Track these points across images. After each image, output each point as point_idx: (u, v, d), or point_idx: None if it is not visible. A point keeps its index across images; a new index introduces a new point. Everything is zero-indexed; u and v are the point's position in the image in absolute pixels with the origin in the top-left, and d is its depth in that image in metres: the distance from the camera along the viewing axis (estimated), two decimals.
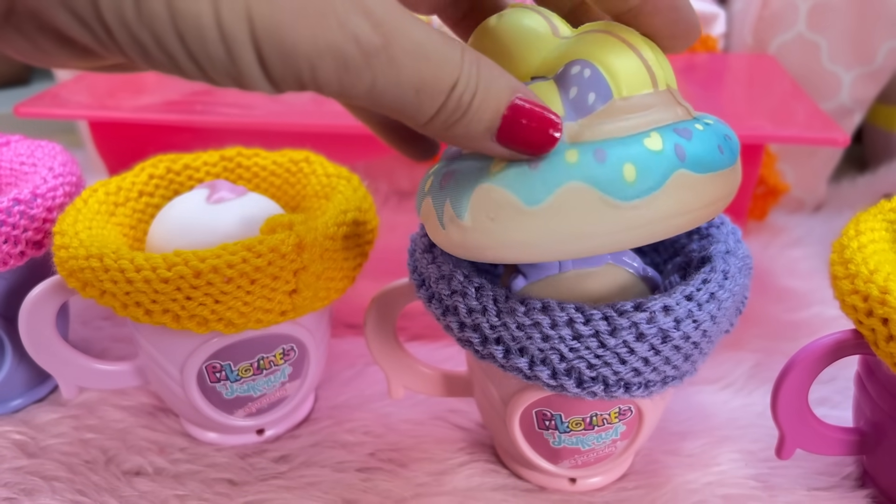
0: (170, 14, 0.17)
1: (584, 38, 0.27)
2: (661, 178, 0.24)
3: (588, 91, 0.25)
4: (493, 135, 0.23)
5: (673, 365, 0.31)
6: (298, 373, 0.39)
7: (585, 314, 0.29)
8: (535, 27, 0.28)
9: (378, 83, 0.20)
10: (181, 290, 0.32)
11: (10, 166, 0.44)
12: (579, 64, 0.26)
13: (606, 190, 0.24)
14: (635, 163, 0.24)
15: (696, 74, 0.61)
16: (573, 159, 0.25)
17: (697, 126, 0.26)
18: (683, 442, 0.40)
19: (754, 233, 0.62)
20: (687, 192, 0.25)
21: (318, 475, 0.38)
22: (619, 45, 0.26)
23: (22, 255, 0.38)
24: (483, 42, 0.28)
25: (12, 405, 0.42)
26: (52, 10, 0.17)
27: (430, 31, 0.21)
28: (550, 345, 0.30)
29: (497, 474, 0.38)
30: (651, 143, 0.25)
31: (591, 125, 0.25)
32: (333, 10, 0.18)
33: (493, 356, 0.31)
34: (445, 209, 0.27)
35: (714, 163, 0.25)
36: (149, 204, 0.40)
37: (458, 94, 0.22)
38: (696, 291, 0.30)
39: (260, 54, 0.18)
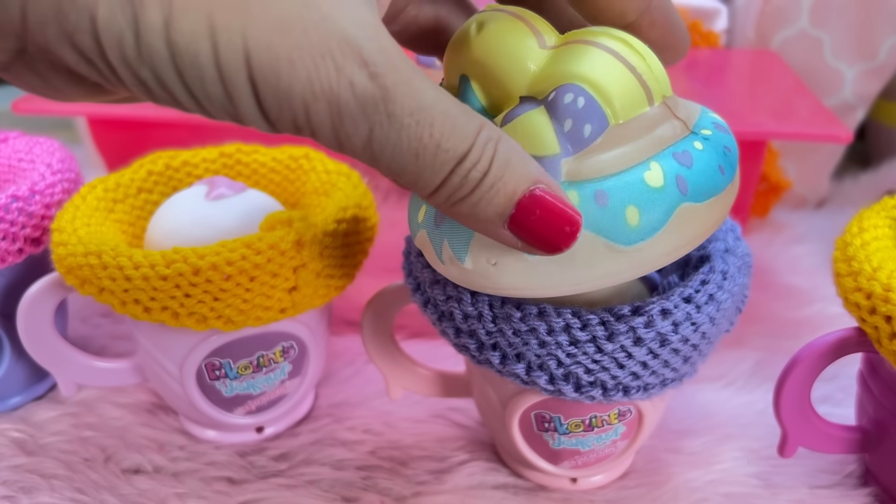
0: (169, 52, 0.18)
1: (573, 51, 0.25)
2: (665, 216, 0.24)
3: (584, 123, 0.24)
4: (504, 221, 0.22)
5: (672, 367, 0.31)
6: (298, 370, 0.38)
7: (582, 319, 0.29)
8: (519, 41, 0.26)
9: (375, 139, 0.20)
10: (180, 287, 0.31)
11: (7, 163, 0.43)
12: (572, 91, 0.24)
13: (610, 236, 0.24)
14: (638, 205, 0.24)
15: (699, 70, 0.60)
16: (574, 203, 0.24)
17: (697, 145, 0.25)
18: (685, 440, 0.40)
19: (756, 230, 0.62)
20: (690, 225, 0.25)
21: (318, 473, 0.38)
22: (611, 62, 0.25)
23: (20, 252, 0.38)
24: (461, 56, 0.27)
25: (11, 403, 0.42)
26: (60, 48, 0.18)
27: (445, 97, 0.20)
28: (547, 350, 0.29)
29: (498, 473, 0.38)
30: (652, 178, 0.24)
31: (588, 159, 0.24)
32: (331, 53, 0.18)
33: (489, 362, 0.31)
34: (444, 248, 0.27)
35: (715, 187, 0.25)
36: (147, 201, 0.40)
37: (464, 169, 0.21)
38: (695, 293, 0.30)
39: (257, 94, 0.18)
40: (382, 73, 0.19)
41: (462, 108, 0.21)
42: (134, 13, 0.17)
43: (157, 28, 0.17)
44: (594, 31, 0.26)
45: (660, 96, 0.25)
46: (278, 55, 0.18)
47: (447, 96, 0.21)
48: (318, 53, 0.18)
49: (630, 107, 0.25)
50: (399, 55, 0.20)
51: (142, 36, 0.17)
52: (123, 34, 0.18)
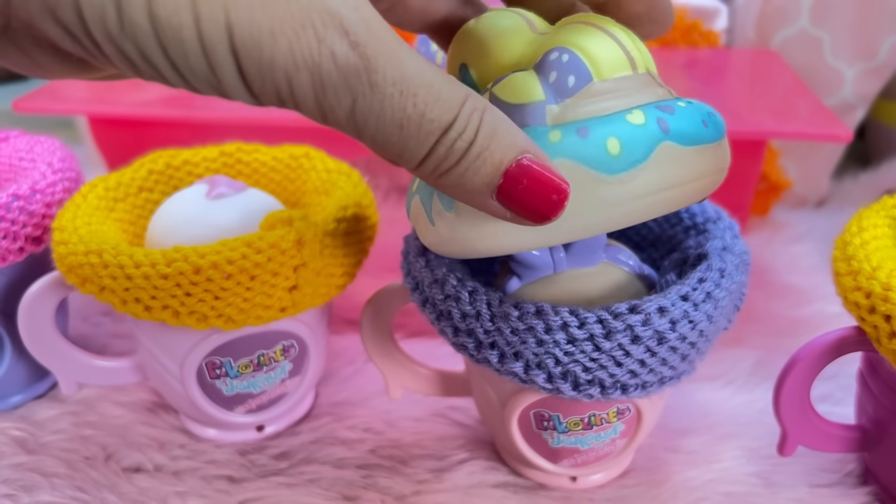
0: (152, 25, 0.18)
1: (561, 28, 0.27)
2: (647, 150, 0.24)
3: (567, 74, 0.25)
4: (492, 192, 0.22)
5: (670, 366, 0.31)
6: (298, 369, 0.38)
7: (580, 318, 0.29)
8: (512, 25, 0.27)
9: (358, 110, 0.20)
10: (180, 286, 0.32)
11: (8, 162, 0.43)
12: (557, 50, 0.25)
13: (592, 165, 0.24)
14: (619, 137, 0.24)
15: (698, 70, 0.60)
16: (556, 139, 0.24)
17: (680, 103, 0.26)
18: (684, 439, 0.40)
19: (756, 229, 0.62)
20: (674, 165, 0.25)
21: (319, 472, 0.38)
22: (596, 32, 0.26)
23: (21, 251, 0.38)
24: (462, 45, 0.28)
25: (11, 401, 0.42)
26: (43, 23, 0.18)
27: (428, 66, 0.20)
28: (545, 349, 0.30)
29: (497, 471, 0.38)
30: (634, 118, 0.24)
31: (572, 106, 0.25)
32: (312, 24, 0.18)
33: (488, 361, 0.31)
34: (434, 203, 0.27)
35: (699, 136, 0.25)
36: (148, 199, 0.40)
37: (450, 139, 0.21)
38: (692, 291, 0.30)
39: (240, 66, 0.18)
40: (363, 42, 0.19)
41: (446, 79, 0.21)
42: None
43: (140, 1, 0.17)
44: (581, 16, 0.27)
45: (643, 67, 0.26)
46: (260, 27, 0.18)
47: (431, 67, 0.20)
48: (300, 24, 0.18)
49: (613, 68, 0.25)
50: (382, 26, 0.20)
51: (124, 10, 0.17)
52: (105, 8, 0.17)
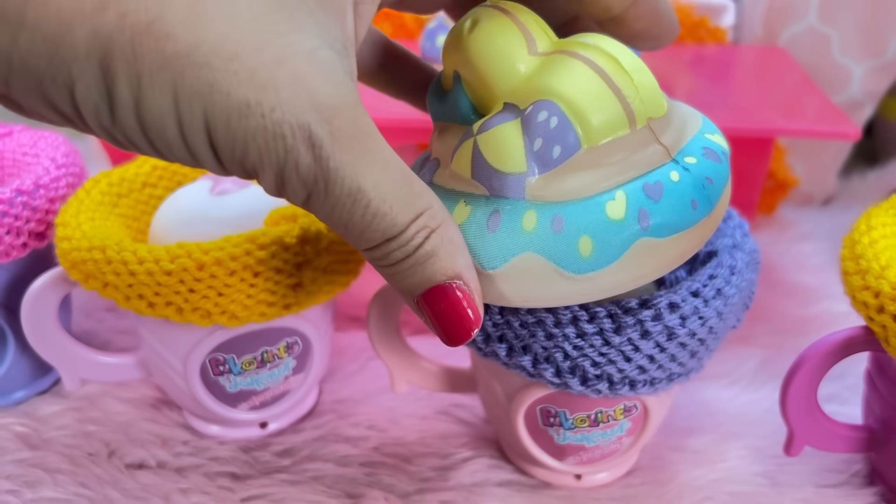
0: (139, 125, 0.19)
1: (558, 64, 0.25)
2: (620, 249, 0.24)
3: (553, 143, 0.24)
4: (414, 297, 0.24)
5: (679, 362, 0.31)
6: (302, 366, 0.38)
7: (590, 312, 0.29)
8: (508, 45, 0.26)
9: (311, 202, 0.21)
10: (184, 282, 0.31)
11: (12, 156, 0.43)
12: (547, 109, 0.24)
13: (560, 263, 0.24)
14: (592, 235, 0.24)
15: (705, 66, 0.60)
16: (530, 226, 0.24)
17: (673, 175, 0.25)
18: (690, 438, 0.39)
19: (763, 227, 0.61)
20: (648, 259, 0.24)
21: (322, 469, 0.37)
22: (594, 81, 0.24)
23: (24, 246, 0.38)
24: (453, 55, 0.27)
25: (15, 397, 0.42)
26: (42, 110, 0.20)
27: (391, 178, 0.22)
28: (554, 343, 0.29)
29: (502, 470, 0.37)
30: (613, 208, 0.24)
31: (553, 181, 0.24)
32: (283, 136, 0.20)
33: (496, 354, 0.31)
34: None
35: (683, 222, 0.24)
36: (152, 195, 0.40)
37: (389, 248, 0.22)
38: (703, 287, 0.30)
39: (217, 157, 0.20)
40: (327, 155, 0.20)
41: (406, 191, 0.22)
42: (108, 90, 0.19)
43: (128, 106, 0.19)
44: (586, 44, 0.25)
45: (644, 119, 0.25)
46: (235, 135, 0.20)
47: (397, 178, 0.22)
48: (271, 135, 0.20)
49: (607, 129, 0.24)
50: (359, 133, 0.21)
51: (115, 110, 0.19)
52: (99, 107, 0.19)
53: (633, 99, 0.24)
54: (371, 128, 0.21)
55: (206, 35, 0.19)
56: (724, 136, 0.28)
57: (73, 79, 0.19)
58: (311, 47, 0.20)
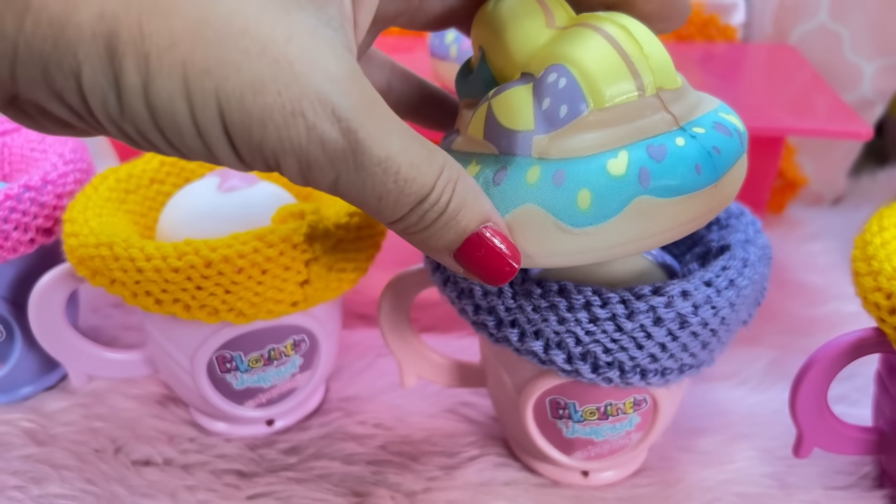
0: (149, 112, 0.19)
1: (573, 34, 0.26)
2: (619, 205, 0.24)
3: (560, 103, 0.25)
4: (451, 252, 0.24)
5: (690, 352, 0.31)
6: (309, 364, 0.38)
7: (603, 297, 0.29)
8: (529, 17, 0.27)
9: (341, 182, 0.21)
10: (192, 279, 0.31)
11: (20, 152, 0.43)
12: (556, 71, 0.25)
13: (559, 215, 0.24)
14: (591, 189, 0.24)
15: (715, 64, 0.60)
16: (533, 179, 0.24)
17: (678, 140, 0.25)
18: (698, 439, 0.39)
19: (772, 226, 0.61)
20: (648, 218, 0.24)
21: (328, 467, 0.37)
22: (605, 48, 0.25)
23: (32, 242, 0.38)
24: (480, 28, 0.28)
25: (21, 393, 0.42)
26: (49, 104, 0.19)
27: (410, 142, 0.21)
28: (566, 328, 0.30)
29: (509, 468, 0.37)
30: (614, 165, 0.24)
31: (558, 139, 0.25)
32: (302, 112, 0.19)
33: (507, 339, 0.31)
34: None
35: (685, 185, 0.24)
36: (159, 192, 0.40)
37: (422, 210, 0.22)
38: (716, 277, 0.30)
39: (233, 145, 0.20)
40: (355, 127, 0.20)
41: (426, 151, 0.22)
42: (115, 75, 0.18)
43: (137, 90, 0.18)
44: (601, 16, 0.26)
45: (653, 88, 0.25)
46: (250, 115, 0.19)
47: (414, 140, 0.22)
48: (290, 113, 0.19)
49: (615, 93, 0.25)
50: (373, 102, 0.21)
51: (123, 97, 0.18)
52: (107, 95, 0.18)
53: (642, 67, 0.25)
54: (378, 96, 0.21)
55: (214, 10, 0.18)
56: None
57: (80, 63, 0.18)
58: (312, 25, 0.20)
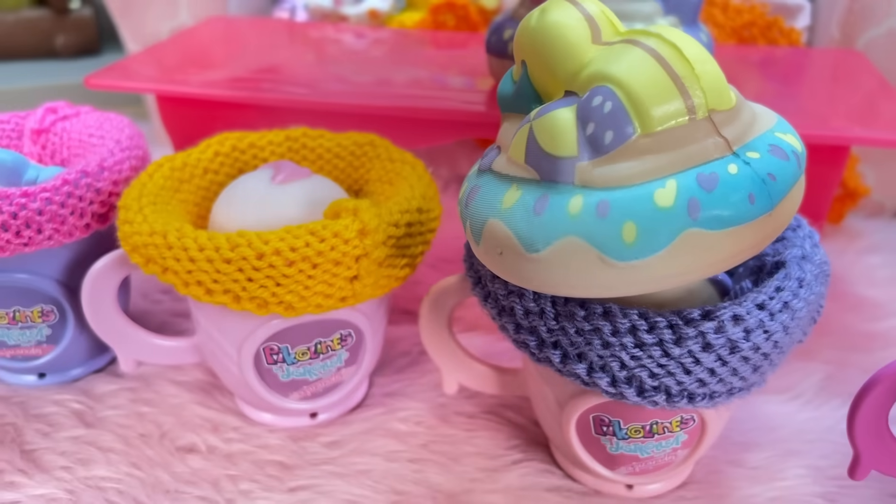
0: None
1: (620, 52, 0.25)
2: (666, 239, 0.23)
3: (606, 128, 0.24)
4: None
5: (740, 376, 0.29)
6: (354, 359, 0.38)
7: (649, 321, 0.28)
8: (574, 31, 0.26)
9: None
10: (243, 271, 0.31)
11: (78, 137, 0.44)
12: (602, 94, 0.24)
13: (603, 249, 0.23)
14: (637, 222, 0.23)
15: (776, 69, 0.58)
16: (575, 210, 0.24)
17: (731, 168, 0.24)
18: (747, 453, 0.38)
19: (829, 237, 0.59)
20: (697, 251, 0.23)
21: (370, 463, 0.37)
22: (653, 68, 0.24)
23: (87, 227, 0.38)
24: (522, 43, 0.27)
25: (72, 374, 0.43)
26: None
27: None
28: (611, 352, 0.29)
29: (551, 475, 0.37)
30: (662, 196, 0.23)
31: (603, 166, 0.24)
32: None
33: (549, 361, 0.30)
34: (468, 229, 0.28)
35: (738, 216, 0.23)
36: (213, 181, 0.40)
37: None
38: (769, 300, 0.28)
39: None
40: None
41: None
42: None
43: None
44: (649, 32, 0.25)
45: (705, 110, 0.24)
46: None
47: None
48: None
49: (664, 118, 0.24)
50: None
51: None
52: None
53: (693, 88, 0.24)
54: None
55: None
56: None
57: None
58: None
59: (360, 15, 0.64)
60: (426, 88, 0.51)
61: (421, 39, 0.61)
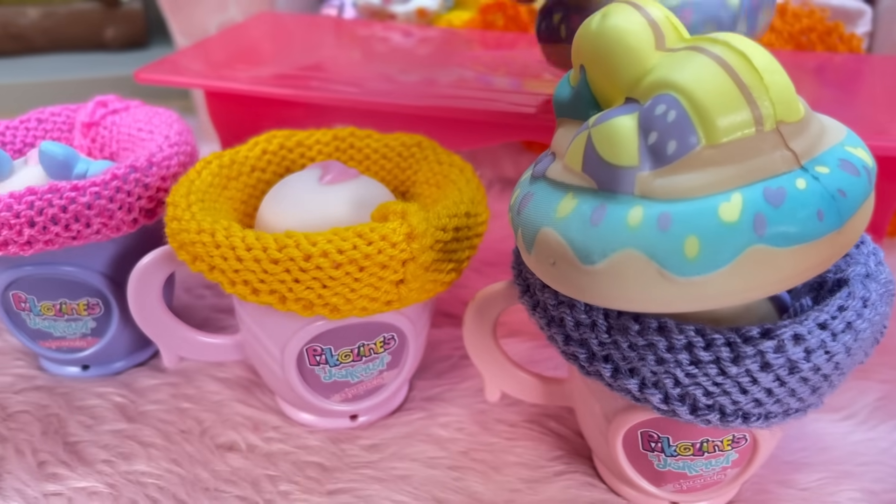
0: None
1: (685, 59, 0.24)
2: (730, 255, 0.22)
3: (669, 138, 0.23)
4: None
5: (798, 397, 0.28)
6: (396, 362, 0.38)
7: (706, 338, 0.27)
8: (636, 37, 0.25)
9: None
10: (290, 272, 0.31)
11: (128, 131, 0.44)
12: (665, 102, 0.23)
13: (663, 263, 0.23)
14: (700, 236, 0.22)
15: (835, 76, 0.56)
16: (635, 222, 0.23)
17: (799, 183, 0.23)
18: (798, 473, 0.37)
19: (887, 250, 0.57)
20: (761, 269, 0.23)
21: (410, 469, 0.37)
22: (720, 77, 0.23)
23: (135, 222, 0.38)
24: (582, 46, 0.26)
25: (114, 367, 0.43)
26: None
27: None
28: (665, 368, 0.28)
29: (594, 488, 0.36)
30: (727, 210, 0.22)
31: (665, 177, 0.23)
32: None
33: (600, 374, 0.29)
34: (519, 236, 0.28)
35: (805, 234, 0.22)
36: (260, 179, 0.40)
37: None
38: (831, 320, 0.27)
39: None
40: None
41: None
42: None
43: None
44: (716, 39, 0.24)
45: (773, 121, 0.23)
46: None
47: None
48: None
49: (730, 129, 0.23)
50: None
51: None
52: None
53: (761, 99, 0.23)
54: None
55: None
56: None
57: None
58: None
59: (409, 13, 0.64)
60: (473, 89, 0.50)
61: (469, 39, 0.60)
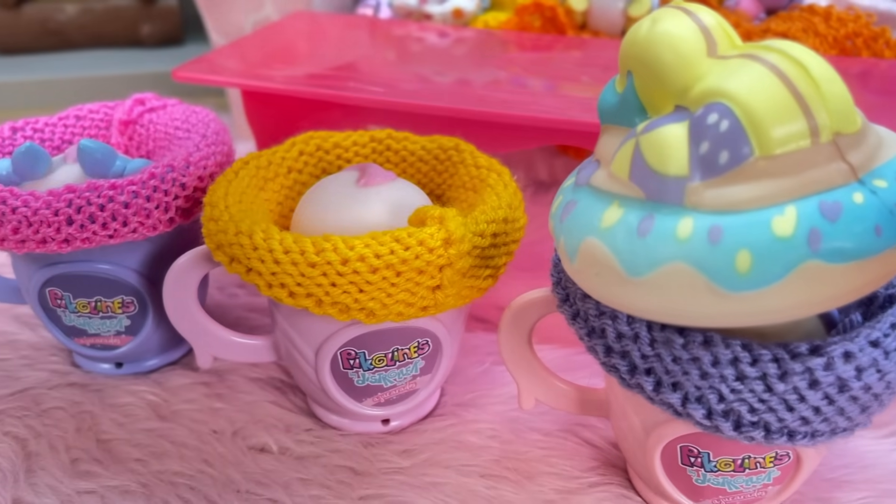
0: None
1: (738, 66, 0.23)
2: (783, 270, 0.22)
3: (721, 148, 0.22)
4: None
5: (846, 416, 0.28)
6: (430, 367, 0.37)
7: (753, 354, 0.26)
8: (687, 43, 0.24)
9: None
10: (327, 275, 0.31)
11: (164, 130, 0.44)
12: (717, 110, 0.22)
13: (713, 277, 0.22)
14: (753, 250, 0.22)
15: (879, 82, 0.55)
16: (684, 234, 0.22)
17: (856, 197, 0.22)
18: (839, 492, 0.36)
19: None
20: (815, 285, 0.22)
21: (442, 476, 0.36)
22: (775, 86, 0.22)
23: (171, 221, 0.38)
24: (629, 51, 0.26)
25: (147, 365, 0.43)
26: None
27: None
28: (709, 383, 0.27)
29: (630, 501, 0.35)
30: (781, 224, 0.22)
31: (716, 188, 0.22)
32: None
33: (641, 387, 0.29)
34: (561, 245, 0.27)
35: (862, 249, 0.22)
36: (297, 181, 0.40)
37: None
38: (884, 337, 0.26)
39: None
40: None
41: None
42: None
43: None
44: (771, 47, 0.23)
45: (829, 133, 0.22)
46: None
47: None
48: None
49: (785, 140, 0.22)
50: None
51: None
52: None
53: (818, 110, 0.22)
54: None
55: None
56: None
57: None
58: None
59: (445, 14, 0.63)
60: (509, 92, 0.50)
61: (505, 40, 0.60)
